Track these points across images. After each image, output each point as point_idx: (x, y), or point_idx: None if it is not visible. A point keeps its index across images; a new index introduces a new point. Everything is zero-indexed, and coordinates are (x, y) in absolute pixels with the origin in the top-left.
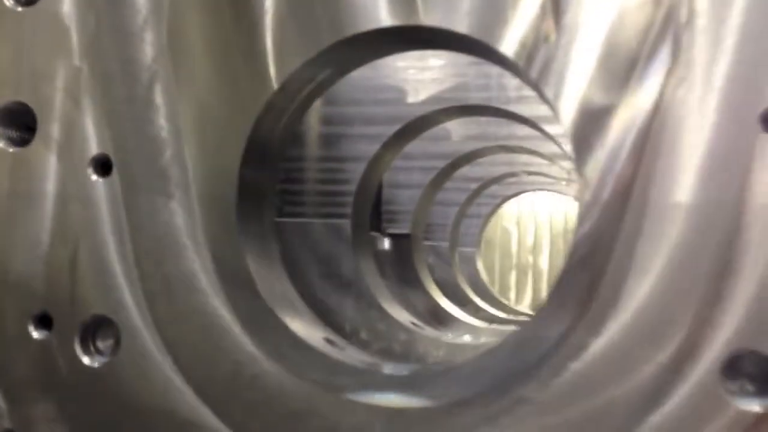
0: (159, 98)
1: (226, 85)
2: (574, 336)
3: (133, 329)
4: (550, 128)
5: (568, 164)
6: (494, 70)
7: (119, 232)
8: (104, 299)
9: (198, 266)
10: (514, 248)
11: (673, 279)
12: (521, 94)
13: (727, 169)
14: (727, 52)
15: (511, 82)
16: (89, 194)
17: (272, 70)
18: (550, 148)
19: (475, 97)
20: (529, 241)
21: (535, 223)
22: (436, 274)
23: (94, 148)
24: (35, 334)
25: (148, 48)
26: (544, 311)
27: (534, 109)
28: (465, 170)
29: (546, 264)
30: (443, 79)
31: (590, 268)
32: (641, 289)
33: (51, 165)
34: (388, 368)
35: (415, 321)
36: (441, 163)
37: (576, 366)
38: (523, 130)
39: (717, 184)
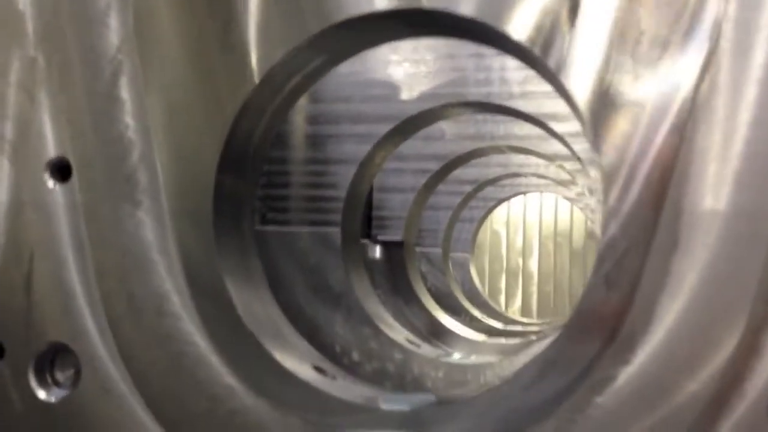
0: (124, 93)
1: (200, 78)
2: (599, 366)
3: (95, 359)
4: (556, 126)
5: (570, 165)
6: (496, 62)
7: (79, 246)
8: (63, 324)
9: (169, 286)
10: (503, 251)
11: (714, 299)
12: (525, 90)
13: None
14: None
15: (514, 75)
16: (45, 202)
17: (253, 61)
18: (550, 147)
19: (475, 93)
20: (519, 244)
21: (525, 225)
22: (429, 282)
23: (51, 151)
24: None
25: (111, 36)
26: (563, 337)
27: (539, 105)
28: (458, 172)
29: (536, 267)
30: (438, 73)
31: (618, 286)
32: (677, 311)
33: (2, 169)
34: (387, 403)
35: (411, 338)
36: (435, 165)
37: (601, 401)
38: (522, 129)
39: (760, 190)
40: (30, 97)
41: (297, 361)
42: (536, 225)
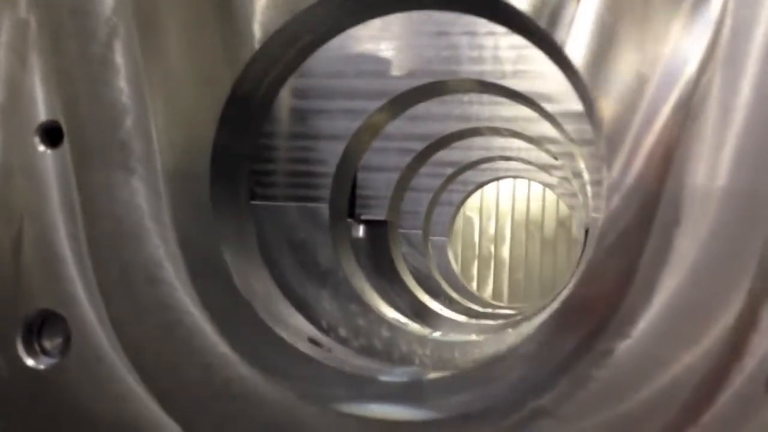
0: (119, 57)
1: (198, 43)
2: (600, 340)
3: (86, 326)
4: (548, 106)
5: (556, 148)
6: (489, 41)
7: (70, 212)
8: (52, 291)
9: (162, 253)
10: (476, 238)
11: (714, 275)
12: (517, 69)
13: None
14: None
15: (507, 54)
16: (35, 167)
17: (255, 26)
18: (537, 129)
19: (467, 71)
20: (491, 231)
21: (498, 212)
22: (408, 263)
23: (42, 114)
24: None
25: None
26: (563, 310)
27: (531, 85)
28: (440, 154)
29: (507, 253)
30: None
31: (619, 260)
32: (677, 286)
33: None
34: (384, 374)
35: (397, 317)
36: (419, 146)
37: (601, 374)
38: (509, 111)
39: (759, 168)
40: (21, 59)
41: (292, 333)
42: (509, 212)
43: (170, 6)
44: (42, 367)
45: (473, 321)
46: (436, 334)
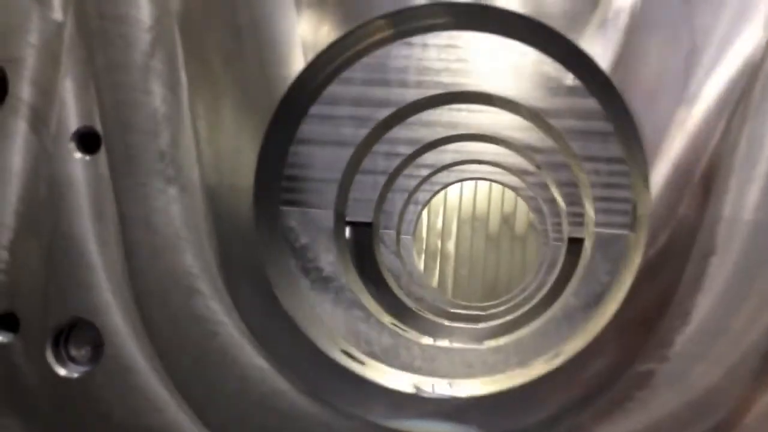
0: (160, 66)
1: (245, 56)
2: (640, 361)
3: (118, 335)
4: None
5: (541, 157)
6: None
7: (105, 220)
8: (84, 298)
9: (200, 264)
10: (424, 232)
11: (745, 302)
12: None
13: None
14: None
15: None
16: (70, 173)
17: (300, 44)
18: (525, 138)
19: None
20: (439, 226)
21: (445, 208)
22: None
23: (78, 120)
24: None
25: (150, 5)
26: (605, 332)
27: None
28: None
29: (453, 249)
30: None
31: (660, 284)
32: (713, 309)
33: (22, 135)
34: (426, 390)
35: (395, 321)
36: (407, 150)
37: (641, 395)
38: (496, 119)
39: None
40: (55, 63)
41: (327, 344)
42: (456, 208)
43: (215, 19)
44: (72, 374)
45: (447, 322)
46: (443, 343)
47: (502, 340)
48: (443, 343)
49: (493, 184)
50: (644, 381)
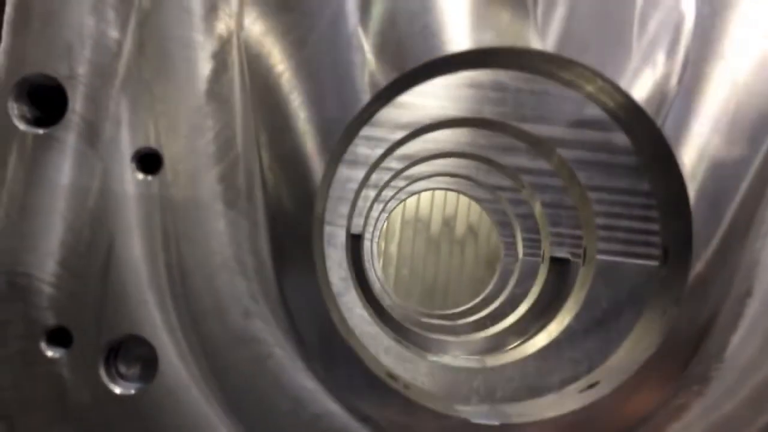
0: (226, 91)
1: (312, 85)
2: (676, 396)
3: (173, 353)
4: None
5: (528, 178)
6: (512, 83)
7: (164, 239)
8: (140, 316)
9: (258, 287)
10: None
11: None
12: (538, 113)
13: None
14: None
15: (529, 99)
16: (131, 193)
17: (365, 80)
18: (513, 161)
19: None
20: (382, 227)
21: (390, 210)
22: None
23: (140, 141)
24: (48, 353)
25: (218, 28)
26: (648, 367)
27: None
28: (394, 163)
29: (395, 250)
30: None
31: (697, 323)
32: (747, 349)
33: (79, 153)
34: (476, 415)
35: (397, 337)
36: (399, 165)
37: (676, 427)
38: (487, 139)
39: None
40: (116, 82)
41: (374, 367)
42: (400, 210)
43: (281, 43)
44: (125, 392)
45: (433, 335)
46: (434, 358)
47: (502, 359)
48: (445, 359)
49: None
50: (679, 414)
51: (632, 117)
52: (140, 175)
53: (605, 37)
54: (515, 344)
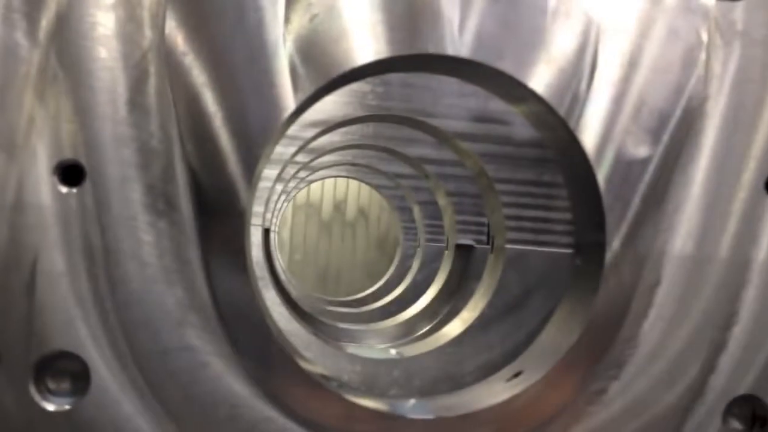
0: (149, 101)
1: (233, 90)
2: (595, 380)
3: (105, 367)
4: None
5: (432, 168)
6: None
7: (89, 252)
8: (69, 331)
9: (191, 296)
10: None
11: (685, 328)
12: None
13: (736, 227)
14: (740, 123)
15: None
16: (53, 206)
17: (289, 89)
18: (421, 151)
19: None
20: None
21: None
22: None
23: (62, 153)
24: None
25: (139, 39)
26: (570, 355)
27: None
28: (299, 157)
29: (288, 235)
30: None
31: (613, 311)
32: (656, 334)
33: (3, 167)
34: (411, 410)
35: (315, 331)
36: (307, 158)
37: (594, 410)
38: (391, 130)
39: (726, 242)
40: (39, 94)
41: (313, 368)
42: (292, 194)
43: (204, 51)
44: (58, 408)
45: (341, 324)
46: (367, 352)
47: (419, 348)
48: (364, 350)
49: None
50: (597, 397)
51: (545, 117)
52: (63, 188)
53: (518, 43)
54: (426, 328)
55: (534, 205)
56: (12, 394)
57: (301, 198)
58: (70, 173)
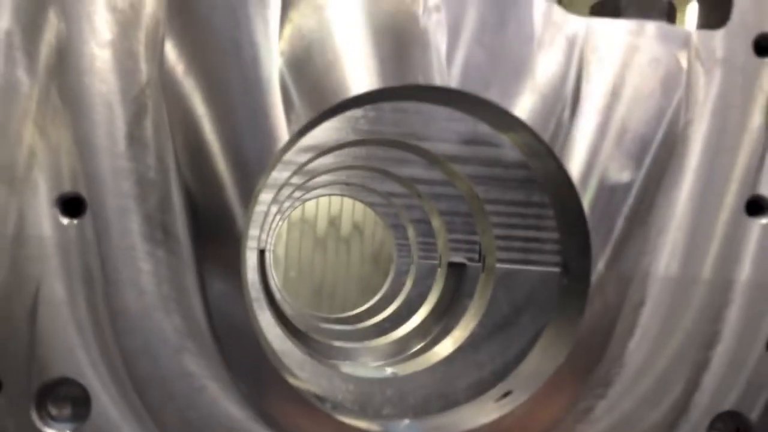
0: (147, 134)
1: (233, 125)
2: (582, 399)
3: (105, 393)
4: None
5: (423, 188)
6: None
7: (89, 281)
8: (69, 359)
9: (188, 322)
10: None
11: (669, 347)
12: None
13: (718, 249)
14: (721, 147)
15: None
16: (54, 237)
17: (282, 122)
18: (413, 171)
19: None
20: None
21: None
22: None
23: (62, 186)
24: None
25: (137, 74)
26: (558, 375)
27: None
28: (295, 179)
29: (283, 252)
30: None
31: (599, 331)
32: (642, 353)
33: (2, 199)
34: (403, 430)
35: (309, 351)
36: (301, 180)
37: (582, 428)
38: (384, 152)
39: (709, 263)
40: (40, 128)
41: (302, 391)
42: (287, 213)
43: (200, 85)
44: None
45: (337, 342)
46: (360, 371)
47: (412, 366)
48: (357, 369)
49: None
50: (585, 415)
51: (530, 143)
52: (64, 220)
53: (504, 73)
54: (419, 346)
55: (524, 225)
56: (14, 420)
57: (296, 215)
58: (70, 205)
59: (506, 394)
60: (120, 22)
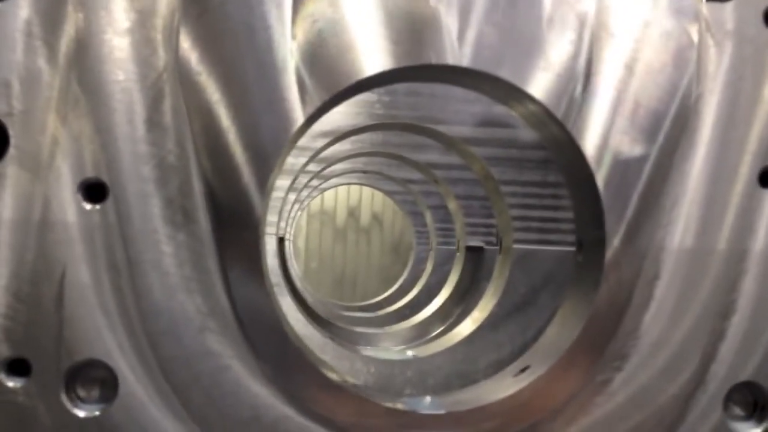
0: (166, 119)
1: (250, 108)
2: (599, 372)
3: (132, 374)
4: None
5: (440, 173)
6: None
7: (114, 264)
8: (96, 341)
9: (211, 303)
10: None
11: (685, 318)
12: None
13: (732, 220)
14: (733, 119)
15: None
16: (78, 222)
17: (298, 104)
18: (429, 156)
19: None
20: None
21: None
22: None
23: (85, 171)
24: (9, 383)
25: (155, 60)
26: (574, 348)
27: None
28: (311, 166)
29: (303, 244)
30: None
31: (615, 305)
32: (658, 326)
33: (26, 186)
34: (423, 406)
35: (331, 335)
36: (317, 167)
37: (600, 400)
38: (400, 138)
39: (724, 234)
40: (61, 116)
41: (331, 370)
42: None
43: (216, 70)
44: (88, 415)
45: (359, 329)
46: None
47: (431, 348)
48: (379, 352)
49: None
50: (603, 388)
51: (544, 121)
52: (87, 205)
53: (516, 51)
54: (439, 330)
55: (540, 205)
56: (44, 402)
57: (315, 206)
58: (93, 191)
59: (524, 369)
60: (137, 10)
